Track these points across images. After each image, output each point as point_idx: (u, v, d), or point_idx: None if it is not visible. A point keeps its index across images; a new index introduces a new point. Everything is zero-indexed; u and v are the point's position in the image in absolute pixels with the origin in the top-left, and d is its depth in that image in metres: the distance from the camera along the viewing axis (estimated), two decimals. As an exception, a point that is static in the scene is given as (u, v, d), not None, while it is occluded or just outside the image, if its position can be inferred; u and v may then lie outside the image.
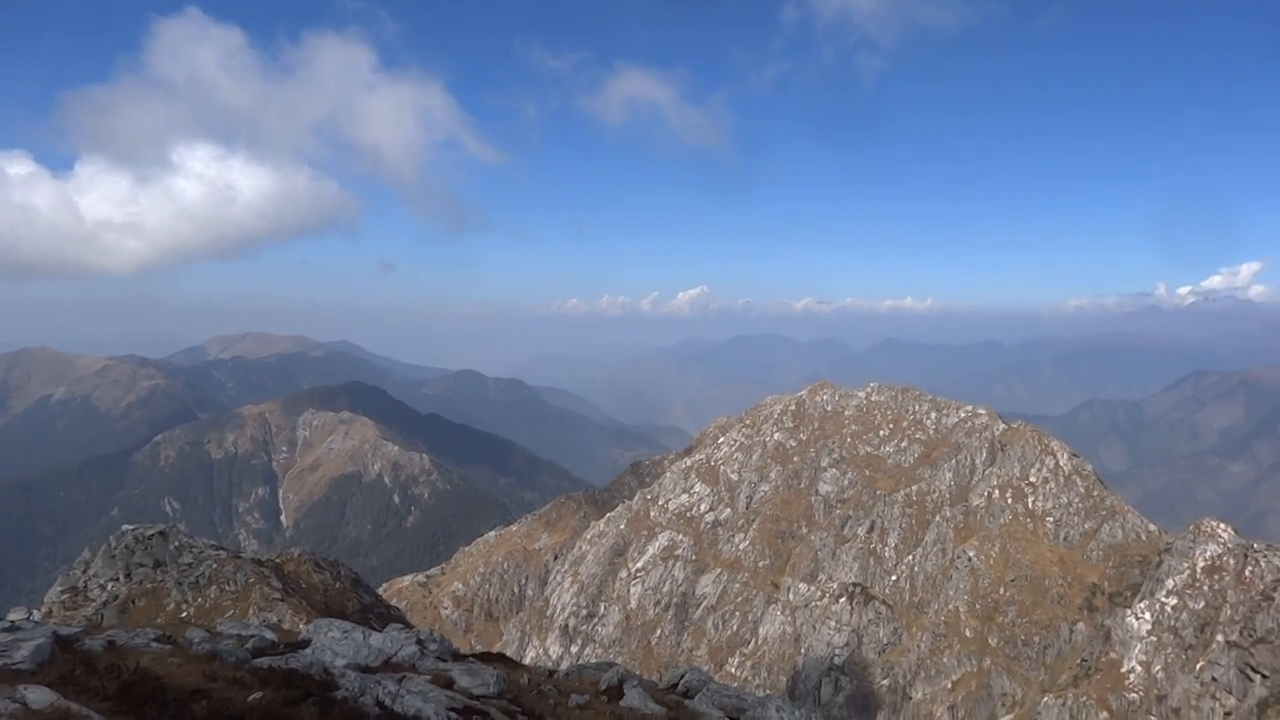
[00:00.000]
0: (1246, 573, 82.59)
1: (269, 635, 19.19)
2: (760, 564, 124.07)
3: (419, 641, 19.70)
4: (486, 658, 21.74)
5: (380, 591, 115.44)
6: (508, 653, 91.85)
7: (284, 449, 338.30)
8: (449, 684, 16.97)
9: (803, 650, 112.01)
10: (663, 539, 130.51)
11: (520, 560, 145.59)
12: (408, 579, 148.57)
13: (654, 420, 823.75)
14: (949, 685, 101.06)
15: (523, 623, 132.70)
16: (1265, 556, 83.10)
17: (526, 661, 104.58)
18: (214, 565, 59.42)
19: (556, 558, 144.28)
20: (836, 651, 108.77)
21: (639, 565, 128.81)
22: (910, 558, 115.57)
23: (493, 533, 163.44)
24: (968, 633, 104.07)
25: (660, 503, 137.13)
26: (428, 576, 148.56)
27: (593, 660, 65.55)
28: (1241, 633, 78.07)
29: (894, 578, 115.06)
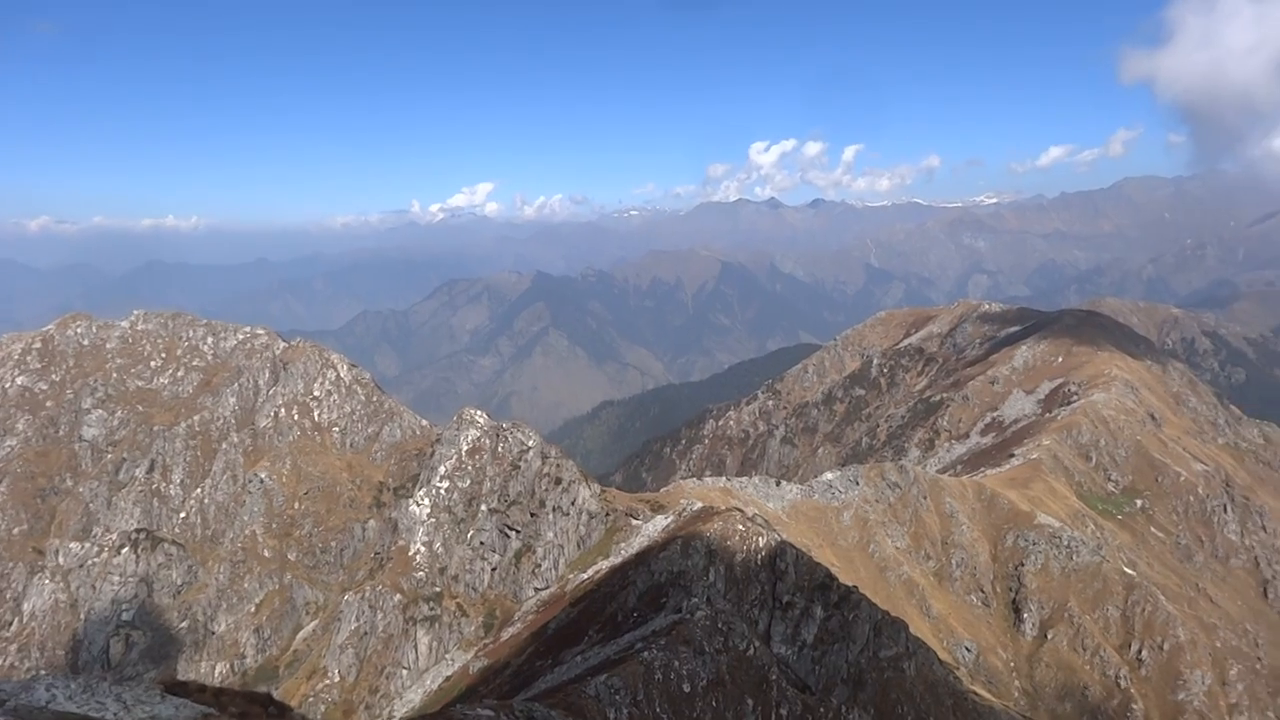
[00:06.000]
0: (499, 449, 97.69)
1: None
2: (15, 531, 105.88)
3: None
4: None
5: None
6: None
7: None
8: None
9: (83, 616, 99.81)
10: None
11: None
12: None
13: None
14: (252, 609, 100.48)
15: None
16: (512, 433, 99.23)
17: None
18: None
19: None
20: (124, 606, 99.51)
21: None
22: (199, 491, 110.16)
23: None
24: (266, 553, 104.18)
25: None
26: None
27: None
28: (499, 500, 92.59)
29: (183, 515, 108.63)
